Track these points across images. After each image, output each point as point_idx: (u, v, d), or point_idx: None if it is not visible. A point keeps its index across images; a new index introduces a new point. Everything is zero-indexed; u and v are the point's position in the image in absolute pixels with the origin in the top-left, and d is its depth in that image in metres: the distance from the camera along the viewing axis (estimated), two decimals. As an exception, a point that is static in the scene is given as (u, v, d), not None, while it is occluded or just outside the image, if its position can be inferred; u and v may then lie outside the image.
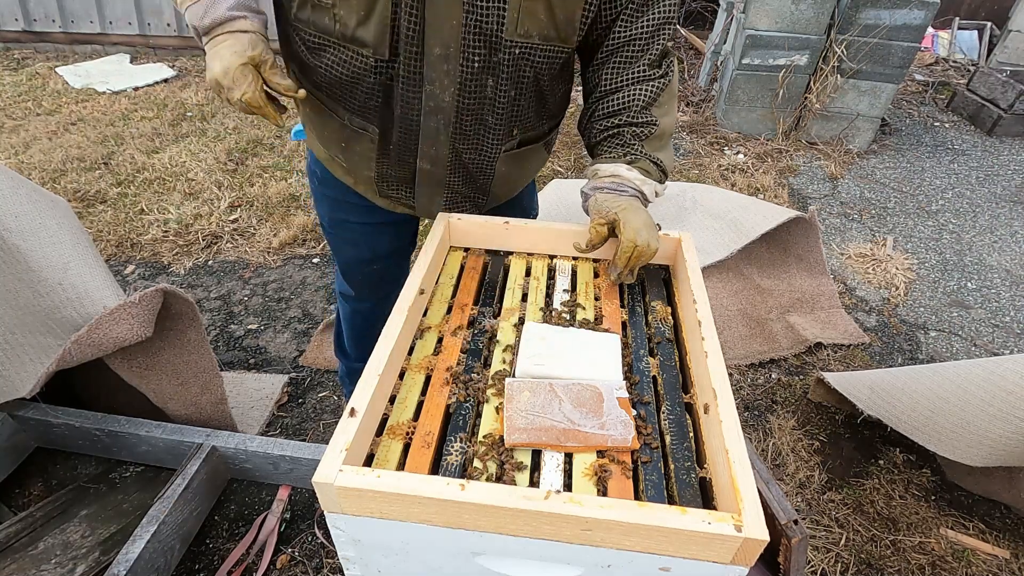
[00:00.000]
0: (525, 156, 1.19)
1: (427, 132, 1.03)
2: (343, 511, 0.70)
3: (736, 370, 2.17)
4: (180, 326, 1.48)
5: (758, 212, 2.28)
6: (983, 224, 3.21)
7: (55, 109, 4.03)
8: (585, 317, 1.00)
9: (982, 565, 1.58)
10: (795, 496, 1.75)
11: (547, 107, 1.11)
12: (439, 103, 0.98)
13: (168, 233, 2.80)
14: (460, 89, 0.97)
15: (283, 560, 1.50)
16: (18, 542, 1.41)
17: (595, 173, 1.09)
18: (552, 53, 0.97)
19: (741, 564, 0.66)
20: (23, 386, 1.35)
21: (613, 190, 1.05)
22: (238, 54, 0.90)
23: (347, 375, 1.85)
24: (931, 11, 3.42)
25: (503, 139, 1.09)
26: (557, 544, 0.68)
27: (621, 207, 1.03)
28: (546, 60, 0.97)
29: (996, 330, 2.46)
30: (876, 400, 1.75)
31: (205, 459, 1.50)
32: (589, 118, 1.11)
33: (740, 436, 0.72)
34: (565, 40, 0.96)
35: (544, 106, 1.10)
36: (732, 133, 4.01)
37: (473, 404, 0.84)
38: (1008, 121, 4.16)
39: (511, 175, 1.20)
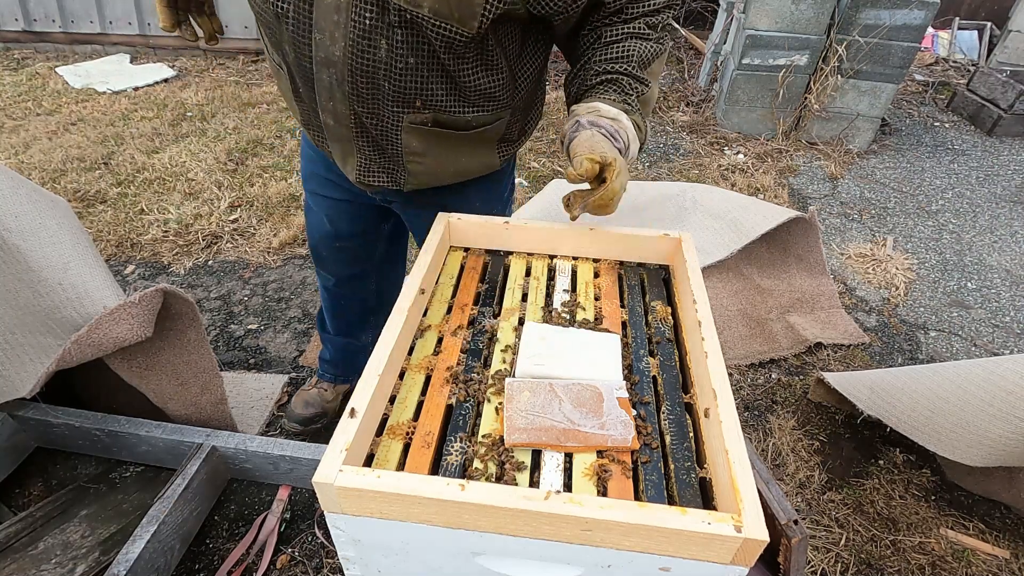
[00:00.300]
0: (451, 141, 1.11)
1: (321, 84, 1.00)
2: (343, 511, 0.70)
3: (736, 370, 2.17)
4: (180, 326, 1.48)
5: (758, 212, 2.28)
6: (983, 224, 3.21)
7: (55, 109, 4.03)
8: (585, 317, 1.00)
9: (982, 565, 1.59)
10: (795, 496, 1.75)
11: (463, 93, 1.02)
12: (330, 56, 0.95)
13: (168, 233, 2.80)
14: (351, 45, 0.93)
15: (283, 560, 1.50)
16: (18, 542, 1.41)
17: (595, 111, 1.01)
18: (447, 32, 0.90)
19: (741, 564, 0.66)
20: (23, 386, 1.35)
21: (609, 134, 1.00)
22: None
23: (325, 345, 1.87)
24: (931, 11, 3.42)
25: (403, 108, 1.02)
26: (557, 544, 0.68)
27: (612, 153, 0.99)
28: (441, 38, 0.91)
29: (996, 330, 2.46)
30: (876, 400, 1.75)
31: (205, 459, 1.50)
32: (583, 66, 1.06)
33: (740, 436, 0.72)
34: (462, 22, 0.89)
35: (457, 90, 1.02)
36: (732, 133, 4.01)
37: (473, 404, 0.84)
38: (1008, 121, 4.16)
39: (432, 156, 1.13)
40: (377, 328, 1.83)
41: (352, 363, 1.88)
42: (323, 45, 0.94)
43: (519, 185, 3.29)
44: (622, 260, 1.15)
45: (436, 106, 1.04)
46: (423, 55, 0.95)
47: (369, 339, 1.84)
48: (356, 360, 1.89)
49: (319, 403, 1.86)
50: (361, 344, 1.83)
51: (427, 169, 1.16)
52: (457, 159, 1.16)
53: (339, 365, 1.87)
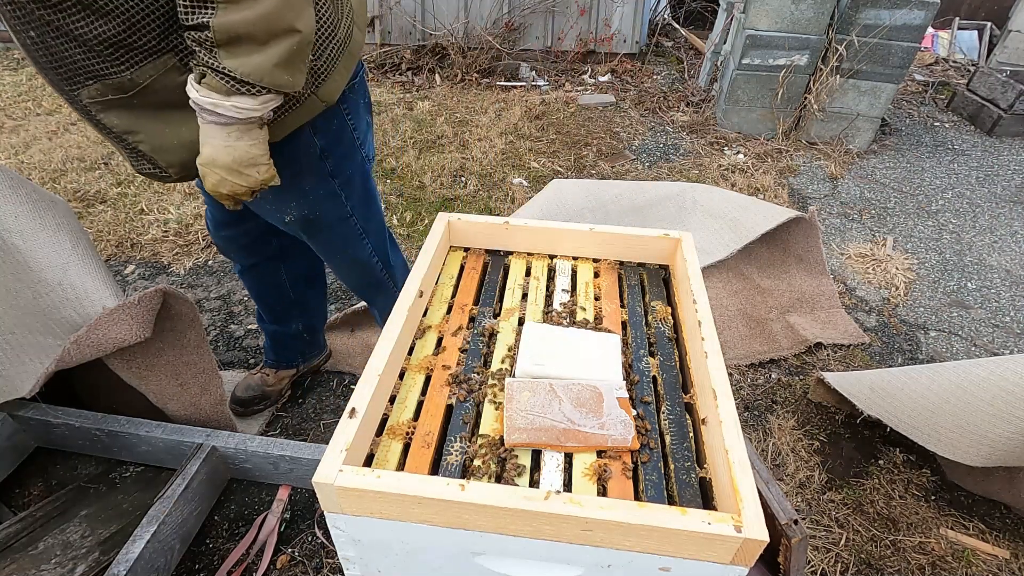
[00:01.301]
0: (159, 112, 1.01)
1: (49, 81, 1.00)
2: (343, 511, 0.70)
3: (736, 370, 2.17)
4: (180, 327, 1.48)
5: (758, 212, 2.28)
6: (983, 224, 3.21)
7: (55, 109, 4.03)
8: (585, 317, 1.00)
9: (982, 565, 1.58)
10: (795, 496, 1.75)
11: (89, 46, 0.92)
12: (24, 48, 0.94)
13: (168, 233, 2.80)
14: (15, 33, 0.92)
15: (283, 560, 1.50)
16: (18, 542, 1.41)
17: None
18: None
19: (741, 564, 0.66)
20: (23, 386, 1.35)
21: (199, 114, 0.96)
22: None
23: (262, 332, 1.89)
24: (931, 11, 3.42)
25: (67, 85, 0.97)
26: (557, 544, 0.68)
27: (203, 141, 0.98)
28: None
29: (996, 330, 2.46)
30: (876, 400, 1.75)
31: (205, 459, 1.50)
32: None
33: (740, 436, 0.72)
34: None
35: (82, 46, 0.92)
36: (732, 133, 4.01)
37: (473, 404, 0.84)
38: (1008, 121, 4.16)
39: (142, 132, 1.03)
40: (305, 317, 1.84)
41: (290, 349, 1.90)
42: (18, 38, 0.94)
43: (519, 185, 3.29)
44: (622, 260, 1.15)
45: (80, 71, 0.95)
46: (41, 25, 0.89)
47: (299, 327, 1.85)
48: (292, 346, 1.91)
49: (259, 387, 1.89)
50: (293, 331, 1.84)
51: (152, 147, 1.05)
52: (176, 130, 1.03)
53: (277, 351, 1.89)
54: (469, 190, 3.23)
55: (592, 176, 3.49)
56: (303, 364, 1.98)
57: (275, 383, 1.92)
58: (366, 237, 1.45)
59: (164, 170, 1.09)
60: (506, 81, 4.81)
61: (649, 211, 2.42)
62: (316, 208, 1.29)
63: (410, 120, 4.04)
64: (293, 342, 1.89)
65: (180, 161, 1.07)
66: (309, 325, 1.88)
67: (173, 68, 0.97)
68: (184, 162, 1.07)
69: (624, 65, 5.06)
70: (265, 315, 1.80)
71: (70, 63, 0.94)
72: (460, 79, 4.74)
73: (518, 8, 4.80)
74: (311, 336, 1.92)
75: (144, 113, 1.01)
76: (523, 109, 4.23)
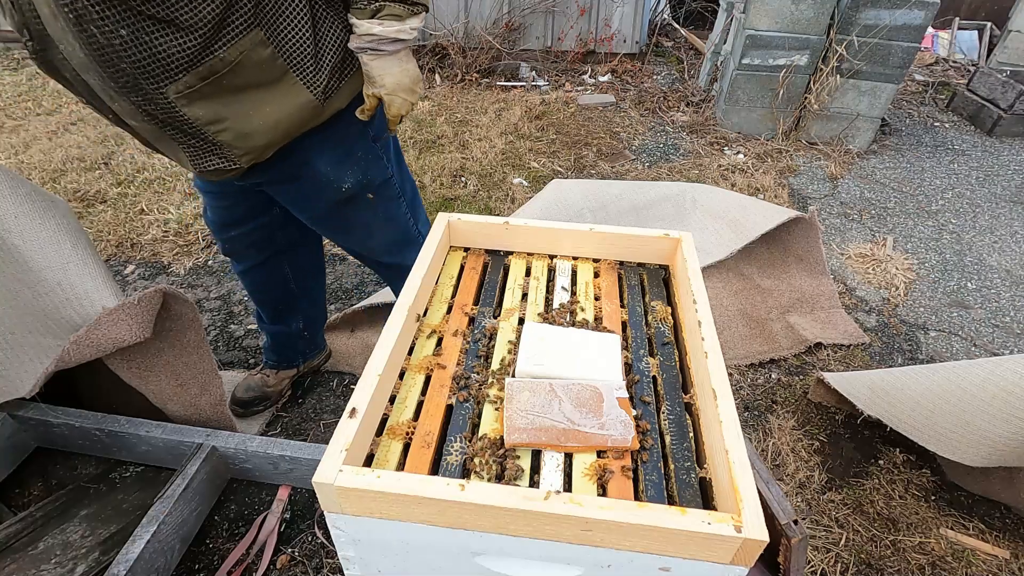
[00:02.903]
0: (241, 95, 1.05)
1: (97, 89, 1.02)
2: (343, 511, 0.70)
3: (736, 370, 2.17)
4: (179, 327, 1.48)
5: (758, 212, 2.28)
6: (983, 224, 3.21)
7: (55, 109, 4.03)
8: (585, 317, 1.00)
9: (982, 565, 1.59)
10: (795, 496, 1.75)
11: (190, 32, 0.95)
12: (80, 60, 0.97)
13: (168, 233, 2.80)
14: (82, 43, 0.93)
15: (283, 560, 1.50)
16: (18, 542, 1.41)
17: (356, 30, 1.09)
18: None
19: (741, 564, 0.66)
20: (23, 386, 1.35)
21: (376, 51, 1.09)
22: None
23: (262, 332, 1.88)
24: (931, 11, 3.42)
25: (158, 82, 0.99)
26: (557, 544, 0.68)
27: (382, 74, 1.11)
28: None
29: (996, 330, 2.46)
30: (876, 400, 1.75)
31: (205, 459, 1.50)
32: None
33: (740, 436, 0.72)
34: None
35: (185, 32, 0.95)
36: (732, 133, 4.02)
37: (473, 404, 0.84)
38: (1008, 121, 4.16)
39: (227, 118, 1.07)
40: (305, 313, 1.85)
41: (290, 349, 1.90)
42: (71, 54, 0.96)
43: (519, 185, 3.29)
44: (622, 260, 1.15)
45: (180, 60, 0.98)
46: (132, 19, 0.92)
47: (300, 324, 1.85)
48: (294, 346, 1.91)
49: (259, 388, 1.89)
50: (293, 330, 1.85)
51: (236, 134, 1.10)
52: (260, 109, 1.09)
53: (277, 352, 1.89)
54: (469, 190, 3.23)
55: (592, 176, 3.49)
56: (303, 364, 1.98)
57: (275, 383, 1.92)
58: (403, 196, 1.48)
59: (237, 159, 1.13)
60: (506, 81, 4.81)
61: (649, 211, 2.42)
62: (368, 172, 1.34)
63: (410, 120, 4.04)
64: (294, 342, 1.89)
65: (264, 143, 1.13)
66: (310, 322, 1.89)
67: (261, 42, 1.02)
68: (267, 143, 1.13)
69: (624, 65, 5.07)
70: (266, 316, 1.80)
71: (163, 57, 0.96)
72: (460, 79, 4.74)
73: (518, 8, 4.80)
74: (311, 334, 1.92)
75: (229, 98, 1.05)
76: (523, 109, 4.23)
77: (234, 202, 1.46)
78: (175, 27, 0.94)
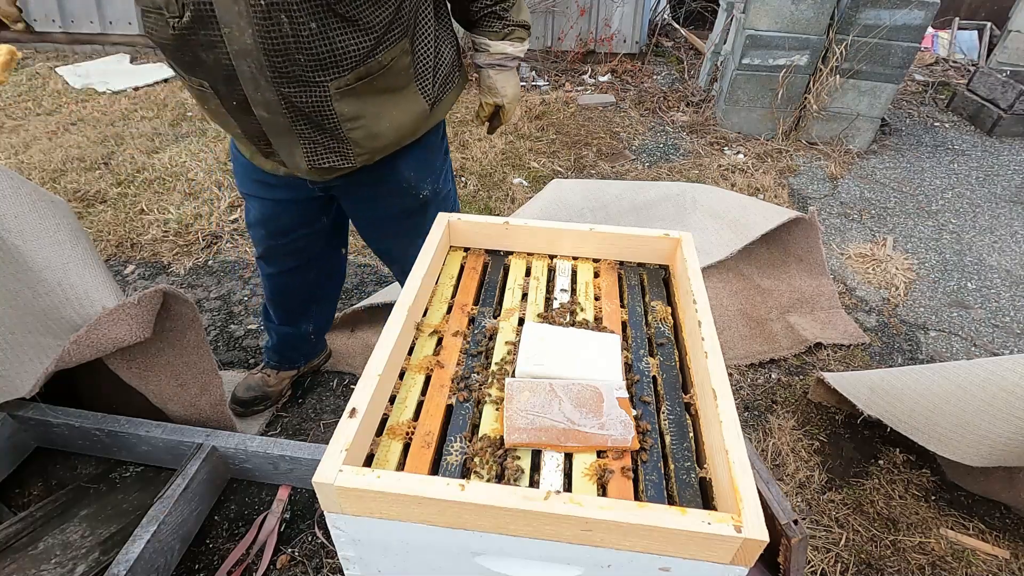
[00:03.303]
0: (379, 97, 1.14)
1: (244, 76, 1.03)
2: (343, 511, 0.70)
3: (736, 370, 2.17)
4: (180, 327, 1.48)
5: (758, 212, 2.28)
6: (983, 224, 3.21)
7: (55, 109, 4.03)
8: (585, 317, 1.00)
9: (982, 565, 1.59)
10: (795, 496, 1.75)
11: (366, 32, 1.04)
12: (243, 46, 0.98)
13: (168, 233, 2.80)
14: (259, 29, 0.96)
15: (283, 560, 1.50)
16: (18, 542, 1.41)
17: (485, 48, 1.31)
18: None
19: (741, 564, 0.66)
20: (23, 386, 1.35)
21: (503, 67, 1.32)
22: None
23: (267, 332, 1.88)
24: (931, 11, 3.42)
25: (327, 75, 1.05)
26: (557, 544, 0.68)
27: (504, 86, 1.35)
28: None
29: (996, 330, 2.46)
30: (876, 400, 1.75)
31: (205, 459, 1.50)
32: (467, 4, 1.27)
33: (740, 436, 0.72)
34: None
35: (362, 32, 1.03)
36: (732, 133, 4.02)
37: (473, 404, 0.84)
38: (1008, 121, 4.16)
39: (364, 117, 1.14)
40: (318, 317, 1.86)
41: (295, 350, 1.91)
42: (234, 37, 0.97)
43: (519, 185, 3.29)
44: (622, 260, 1.15)
45: (352, 58, 1.05)
46: (323, 14, 0.97)
47: (310, 328, 1.86)
48: (299, 347, 1.91)
49: (260, 388, 1.89)
50: (302, 332, 1.85)
51: (367, 133, 1.17)
52: (389, 112, 1.18)
53: (282, 353, 1.89)
54: (469, 190, 3.23)
55: (592, 176, 3.49)
56: (304, 364, 1.98)
57: (276, 383, 1.92)
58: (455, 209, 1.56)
59: (354, 158, 1.21)
60: (506, 81, 4.81)
61: (649, 211, 2.42)
62: (439, 182, 1.45)
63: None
64: (301, 343, 1.89)
65: (384, 145, 1.22)
66: (320, 326, 1.90)
67: (405, 51, 1.13)
68: (386, 145, 1.23)
69: (624, 65, 5.07)
70: (277, 317, 1.79)
71: (339, 52, 1.03)
72: (460, 79, 4.74)
73: (518, 8, 4.80)
74: (318, 336, 1.93)
75: (371, 99, 1.14)
76: (523, 109, 4.22)
77: (285, 210, 1.45)
78: (355, 26, 1.02)
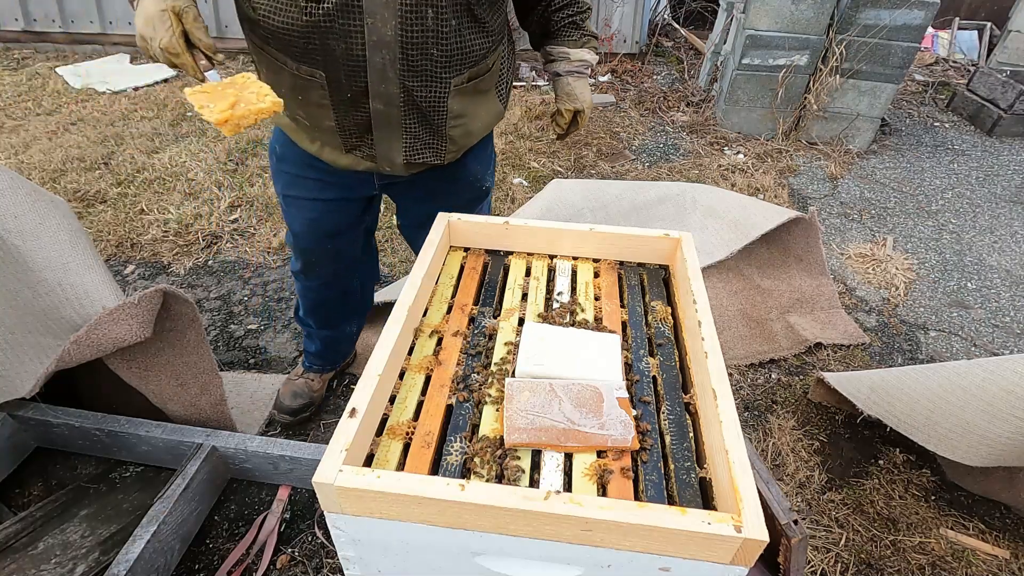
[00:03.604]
0: (477, 97, 1.21)
1: (374, 68, 1.05)
2: (343, 511, 0.70)
3: (736, 370, 2.17)
4: (180, 327, 1.48)
5: (758, 212, 2.28)
6: (983, 224, 3.21)
7: (55, 109, 4.03)
8: (585, 317, 1.00)
9: (982, 565, 1.58)
10: (795, 496, 1.75)
11: (488, 35, 1.13)
12: (382, 37, 1.00)
13: (168, 233, 2.80)
14: (402, 21, 0.99)
15: (283, 560, 1.50)
16: (18, 542, 1.41)
17: (564, 56, 1.33)
18: None
19: (741, 564, 0.66)
20: (23, 386, 1.35)
21: (581, 73, 1.34)
22: (157, 2, 0.93)
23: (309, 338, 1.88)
24: (931, 11, 3.42)
25: (452, 72, 1.11)
26: (557, 544, 0.68)
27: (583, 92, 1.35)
28: None
29: (996, 330, 2.46)
30: (876, 400, 1.75)
31: (205, 459, 1.50)
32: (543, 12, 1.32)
33: (740, 436, 0.72)
34: None
35: (485, 34, 1.12)
36: (732, 133, 4.01)
37: (473, 404, 0.84)
38: (1008, 121, 4.16)
39: (466, 115, 1.21)
40: (359, 316, 1.87)
41: (337, 351, 1.91)
42: (375, 29, 0.99)
43: (519, 185, 3.29)
44: (622, 260, 1.15)
45: (472, 58, 1.12)
46: (461, 12, 1.04)
47: (353, 328, 1.88)
48: (341, 347, 1.91)
49: (307, 393, 1.88)
50: (345, 334, 1.86)
51: (464, 131, 1.24)
52: (480, 112, 1.25)
53: (324, 356, 1.89)
54: (469, 190, 3.23)
55: (592, 176, 3.49)
56: (342, 363, 2.00)
57: (320, 387, 1.92)
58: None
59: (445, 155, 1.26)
60: (506, 81, 4.81)
61: (649, 211, 2.41)
62: (493, 178, 1.54)
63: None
64: (343, 343, 1.90)
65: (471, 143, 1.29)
66: (361, 323, 1.92)
67: (500, 56, 1.23)
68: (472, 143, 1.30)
69: (624, 65, 5.06)
70: (319, 323, 1.77)
71: (467, 50, 1.10)
72: (460, 79, 4.73)
73: (518, 8, 4.80)
74: (359, 332, 1.96)
75: (473, 98, 1.20)
76: (523, 109, 4.22)
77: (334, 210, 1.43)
78: (482, 27, 1.10)
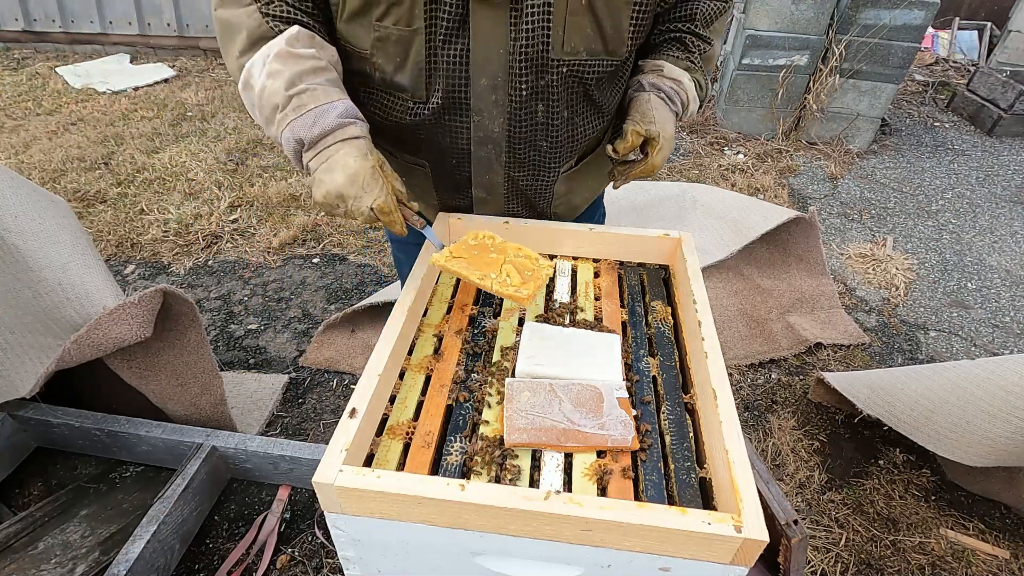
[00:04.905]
0: (584, 171, 1.14)
1: (479, 162, 1.01)
2: (343, 511, 0.70)
3: (736, 370, 2.17)
4: (180, 327, 1.48)
5: (758, 212, 2.28)
6: (983, 224, 3.21)
7: (55, 109, 4.03)
8: (585, 317, 1.00)
9: (982, 565, 1.59)
10: (795, 496, 1.75)
11: (603, 116, 1.05)
12: (488, 133, 0.96)
13: (168, 233, 2.80)
14: (510, 118, 0.94)
15: (283, 560, 1.50)
16: (18, 542, 1.41)
17: (659, 69, 1.03)
18: (601, 66, 0.92)
19: (741, 564, 0.66)
20: (23, 386, 1.35)
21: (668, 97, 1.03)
22: (364, 158, 0.84)
23: None
24: (931, 11, 3.42)
25: (560, 161, 1.05)
26: (557, 544, 0.68)
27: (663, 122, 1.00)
28: (595, 74, 0.93)
29: (996, 330, 2.46)
30: (876, 400, 1.75)
31: (205, 459, 1.50)
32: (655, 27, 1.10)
33: (740, 436, 0.72)
34: (613, 53, 0.91)
35: (600, 116, 1.04)
36: (732, 133, 4.01)
37: (473, 404, 0.84)
38: (1008, 121, 4.16)
39: (572, 193, 1.16)
40: None
41: None
42: (482, 125, 0.95)
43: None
44: (622, 260, 1.15)
45: (585, 142, 1.06)
46: (576, 100, 0.96)
47: None
48: None
49: None
50: None
51: (568, 207, 1.18)
52: (587, 184, 1.18)
53: None
54: (469, 190, 3.23)
55: (592, 176, 3.49)
56: None
57: None
58: None
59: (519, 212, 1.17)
60: (506, 81, 4.80)
61: (649, 211, 2.42)
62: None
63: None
64: None
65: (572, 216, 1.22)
66: None
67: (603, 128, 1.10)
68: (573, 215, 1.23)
69: (624, 65, 5.06)
70: None
71: (579, 136, 1.03)
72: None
73: (518, 8, 4.79)
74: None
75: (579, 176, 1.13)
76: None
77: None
78: (598, 110, 1.01)
